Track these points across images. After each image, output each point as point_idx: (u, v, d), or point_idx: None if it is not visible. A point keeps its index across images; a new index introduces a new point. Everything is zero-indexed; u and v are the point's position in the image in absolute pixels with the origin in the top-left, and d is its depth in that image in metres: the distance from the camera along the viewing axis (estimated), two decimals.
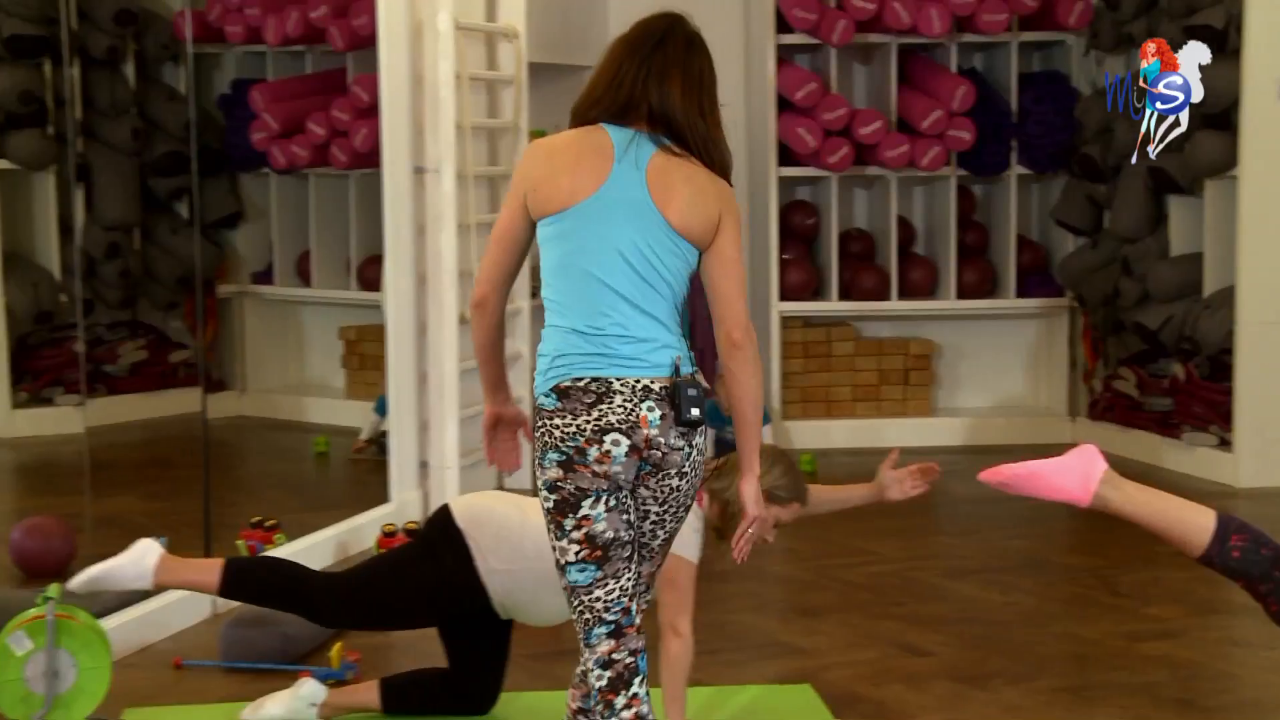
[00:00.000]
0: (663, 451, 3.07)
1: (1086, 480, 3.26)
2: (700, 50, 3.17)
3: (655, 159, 3.08)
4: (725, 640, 4.86)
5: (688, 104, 3.10)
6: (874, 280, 8.11)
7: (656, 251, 3.06)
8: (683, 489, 3.15)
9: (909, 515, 6.64)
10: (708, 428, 3.20)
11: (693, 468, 3.13)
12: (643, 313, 3.07)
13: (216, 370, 7.96)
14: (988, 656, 4.72)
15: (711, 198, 3.10)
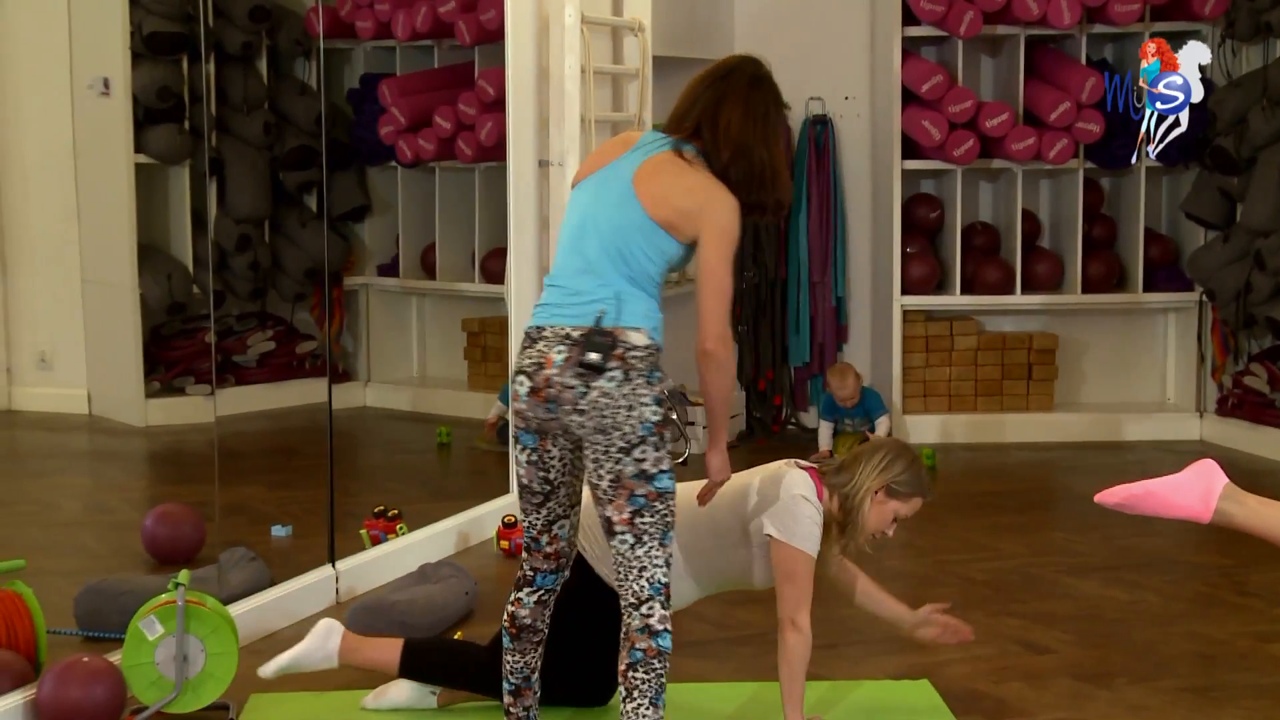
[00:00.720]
0: (557, 389, 3.38)
1: (1207, 496, 3.21)
2: (766, 88, 3.53)
3: (663, 155, 3.48)
4: (843, 635, 4.84)
5: (747, 129, 3.46)
6: (998, 274, 8.02)
7: (626, 229, 3.42)
8: (587, 426, 3.36)
9: (1030, 511, 6.57)
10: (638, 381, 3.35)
11: (592, 406, 3.35)
12: (594, 275, 3.43)
13: (342, 361, 8.06)
14: (1110, 655, 4.66)
15: (698, 196, 3.42)
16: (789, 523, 3.85)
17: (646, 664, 3.43)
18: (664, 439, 3.41)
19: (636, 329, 3.41)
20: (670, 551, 3.47)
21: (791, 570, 3.84)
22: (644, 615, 3.43)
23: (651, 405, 3.38)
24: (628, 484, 3.40)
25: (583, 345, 3.38)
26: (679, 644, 4.71)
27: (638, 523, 3.41)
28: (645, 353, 3.41)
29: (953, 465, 7.49)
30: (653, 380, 3.40)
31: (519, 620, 3.66)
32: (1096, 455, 7.71)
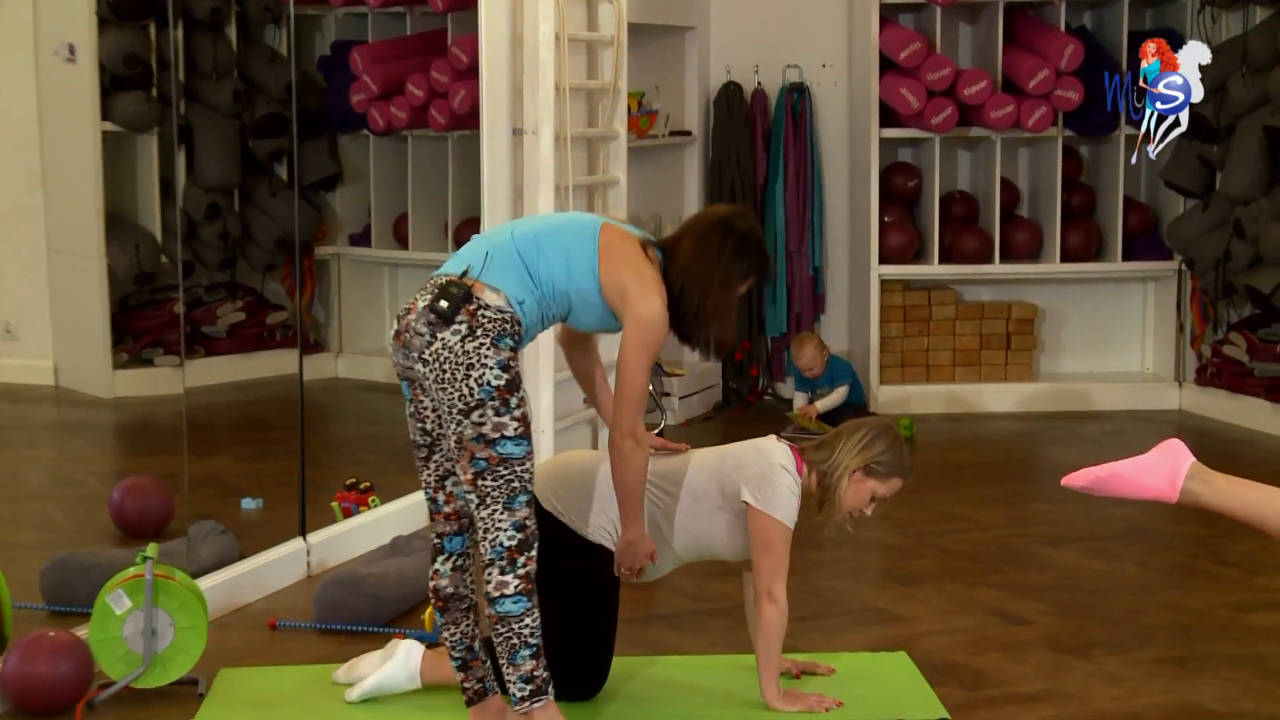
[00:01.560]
0: (410, 334, 3.48)
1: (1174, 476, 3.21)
2: (735, 240, 3.68)
3: (636, 236, 3.68)
4: (821, 606, 4.84)
5: (696, 264, 3.64)
6: (976, 243, 8.01)
7: (563, 243, 3.58)
8: (429, 378, 3.43)
9: (1008, 481, 6.57)
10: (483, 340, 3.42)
11: (434, 358, 3.44)
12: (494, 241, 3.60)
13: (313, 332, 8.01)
14: (1088, 626, 4.66)
15: (642, 281, 3.57)
16: (767, 491, 3.84)
17: (494, 629, 3.52)
18: (510, 404, 3.41)
19: (496, 290, 3.49)
20: (523, 515, 3.46)
21: (768, 540, 3.84)
22: (486, 580, 3.50)
23: (494, 369, 3.41)
24: (469, 446, 3.44)
25: (439, 293, 3.48)
26: (654, 616, 4.72)
27: (480, 485, 3.46)
28: (498, 315, 3.46)
29: (931, 436, 7.50)
30: (500, 345, 3.44)
31: (442, 592, 3.68)
32: (1075, 425, 7.72)
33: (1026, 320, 8.17)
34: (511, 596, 3.48)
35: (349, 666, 4.14)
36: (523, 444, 3.46)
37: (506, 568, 3.47)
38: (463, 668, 3.71)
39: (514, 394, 3.44)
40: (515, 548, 3.47)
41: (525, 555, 3.49)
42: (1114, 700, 4.07)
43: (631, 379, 3.60)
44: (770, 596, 3.83)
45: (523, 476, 3.47)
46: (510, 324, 3.48)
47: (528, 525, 3.49)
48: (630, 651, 4.33)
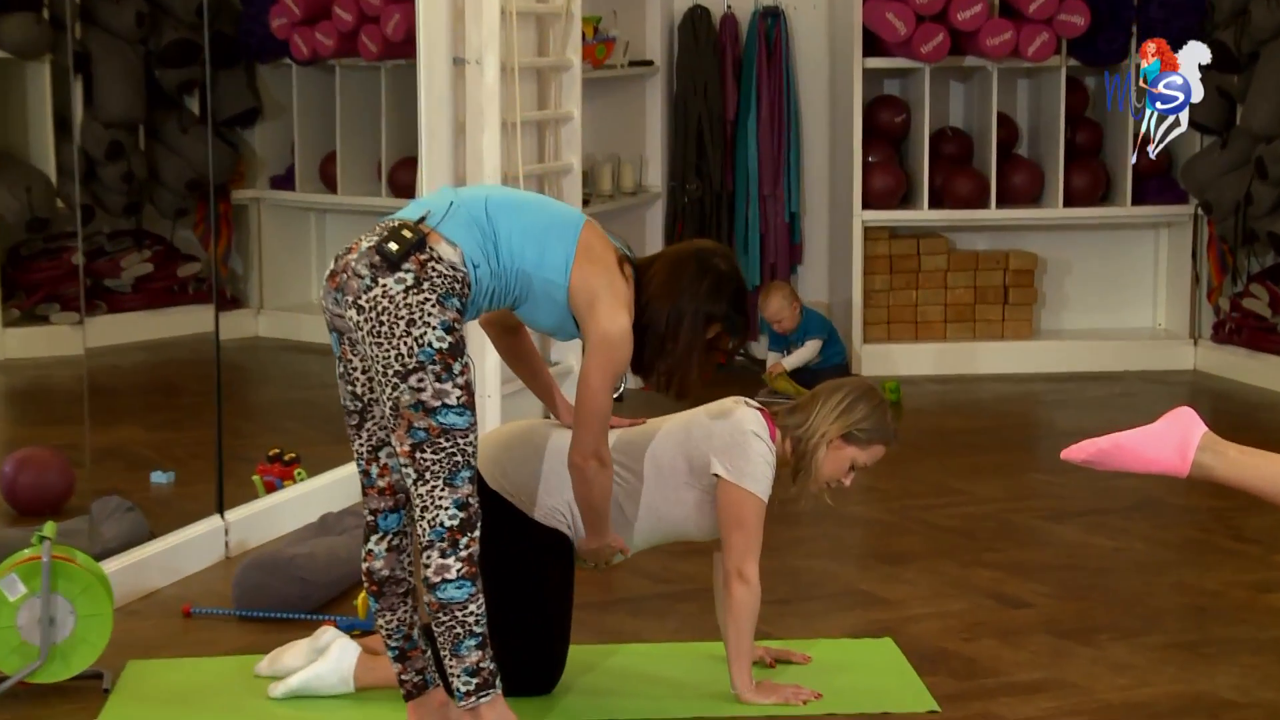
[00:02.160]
0: (348, 275, 3.48)
1: (1184, 448, 3.24)
2: (709, 279, 3.75)
3: (614, 247, 3.70)
4: (798, 589, 4.87)
5: (664, 292, 3.71)
6: (970, 186, 8.03)
7: (523, 231, 3.59)
8: (363, 327, 3.44)
9: (1005, 450, 6.62)
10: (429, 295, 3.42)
11: (371, 305, 3.43)
12: (457, 196, 3.61)
13: (230, 286, 7.99)
14: (1093, 608, 4.71)
15: (603, 288, 3.61)
16: (739, 461, 3.86)
17: (434, 617, 3.53)
18: (453, 370, 3.42)
19: (453, 244, 3.51)
20: (466, 492, 3.47)
21: (739, 515, 3.86)
22: (424, 564, 3.50)
23: (438, 329, 3.42)
24: (405, 414, 3.45)
25: (389, 235, 3.49)
26: (614, 600, 4.74)
27: (419, 457, 3.46)
28: (450, 271, 3.47)
29: (920, 400, 7.53)
30: (447, 304, 3.45)
31: (376, 575, 3.68)
32: (1080, 387, 7.77)
33: (1026, 271, 8.21)
34: (454, 581, 3.49)
35: (273, 658, 4.14)
36: (466, 414, 3.47)
37: (448, 550, 3.48)
38: (400, 658, 3.72)
39: (457, 359, 3.45)
40: (457, 528, 3.48)
41: (468, 536, 3.50)
42: (1120, 690, 4.11)
43: (594, 398, 3.65)
44: (741, 576, 3.86)
45: (466, 450, 3.48)
46: (460, 284, 3.48)
47: (470, 503, 3.50)
48: (588, 640, 4.35)
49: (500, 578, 3.80)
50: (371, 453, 3.63)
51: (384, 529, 3.67)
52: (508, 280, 3.59)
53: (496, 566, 3.75)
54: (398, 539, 3.68)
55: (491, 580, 3.67)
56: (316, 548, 4.83)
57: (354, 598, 4.59)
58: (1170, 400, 7.56)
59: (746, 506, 3.86)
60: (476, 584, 3.51)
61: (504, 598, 3.82)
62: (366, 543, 3.69)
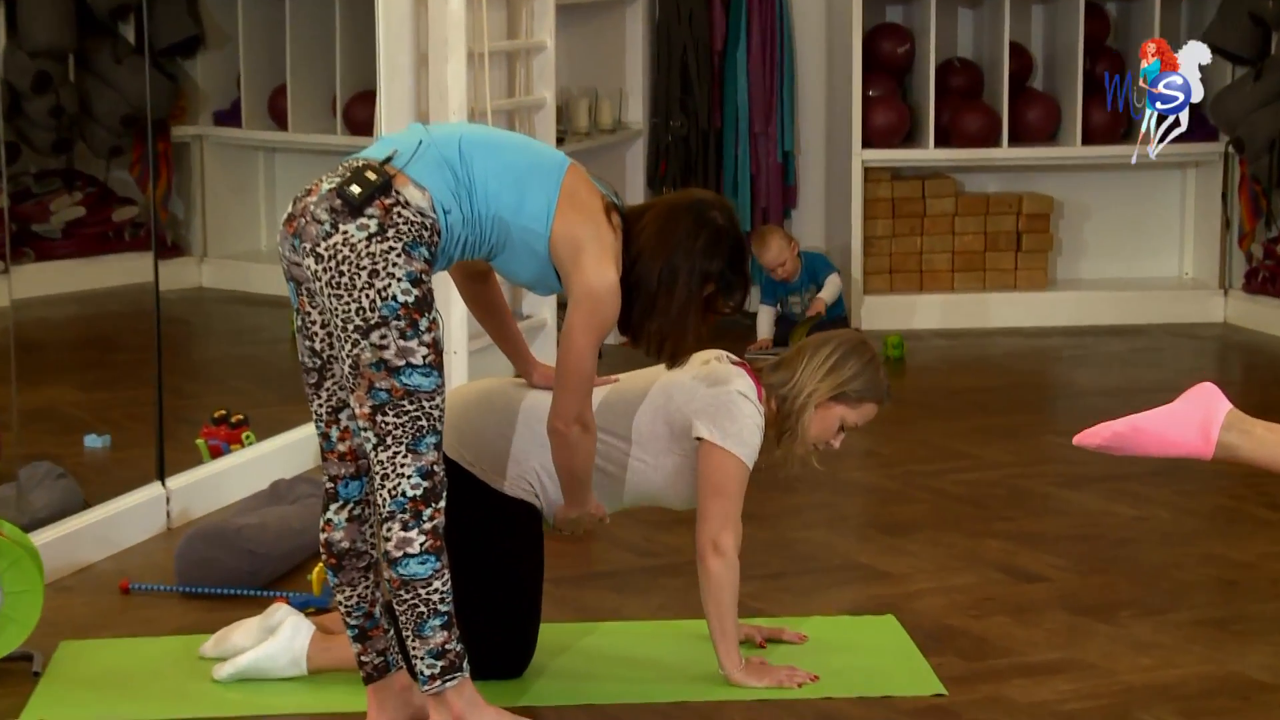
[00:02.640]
0: (306, 220, 3.47)
1: (1207, 427, 3.26)
2: (709, 232, 3.73)
3: (601, 192, 3.68)
4: (791, 563, 4.87)
5: (658, 243, 3.69)
6: (980, 122, 8.03)
7: (502, 173, 3.57)
8: (322, 277, 3.43)
9: (1017, 411, 6.63)
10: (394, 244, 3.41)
11: (331, 254, 3.42)
12: (429, 135, 3.59)
13: (171, 231, 7.97)
14: (1114, 582, 4.72)
15: (588, 239, 3.59)
16: (724, 422, 3.86)
17: (396, 595, 3.53)
18: (419, 326, 3.41)
19: (421, 188, 3.49)
20: (431, 460, 3.47)
21: (721, 482, 3.85)
22: (385, 537, 3.51)
23: (403, 281, 3.41)
24: (366, 373, 3.45)
25: (351, 176, 3.48)
26: (591, 574, 4.74)
27: (380, 421, 3.46)
28: (417, 218, 3.46)
29: (925, 356, 7.54)
30: (413, 254, 3.44)
31: (335, 546, 3.67)
32: (1100, 342, 7.78)
33: (1041, 216, 8.21)
34: (417, 556, 3.49)
35: (219, 637, 4.14)
36: (433, 375, 3.46)
37: (410, 522, 3.48)
38: (360, 638, 3.72)
39: (424, 314, 3.44)
40: (420, 498, 3.48)
41: (432, 507, 3.50)
42: (1143, 671, 4.13)
43: (578, 360, 3.64)
44: (716, 549, 3.86)
45: (431, 413, 3.48)
46: (429, 232, 3.47)
47: (435, 471, 3.50)
48: (561, 617, 4.36)
49: (463, 552, 3.80)
50: (331, 414, 3.63)
51: (344, 497, 3.67)
52: (482, 228, 3.57)
53: (459, 540, 3.75)
54: (359, 508, 3.67)
55: (455, 555, 3.66)
56: (267, 518, 4.83)
57: (308, 572, 4.59)
58: (1197, 355, 7.59)
59: (728, 471, 3.86)
60: (441, 559, 3.51)
61: (468, 574, 3.82)
62: (325, 512, 3.69)
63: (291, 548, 4.76)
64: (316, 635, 4.01)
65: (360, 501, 3.67)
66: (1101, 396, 6.81)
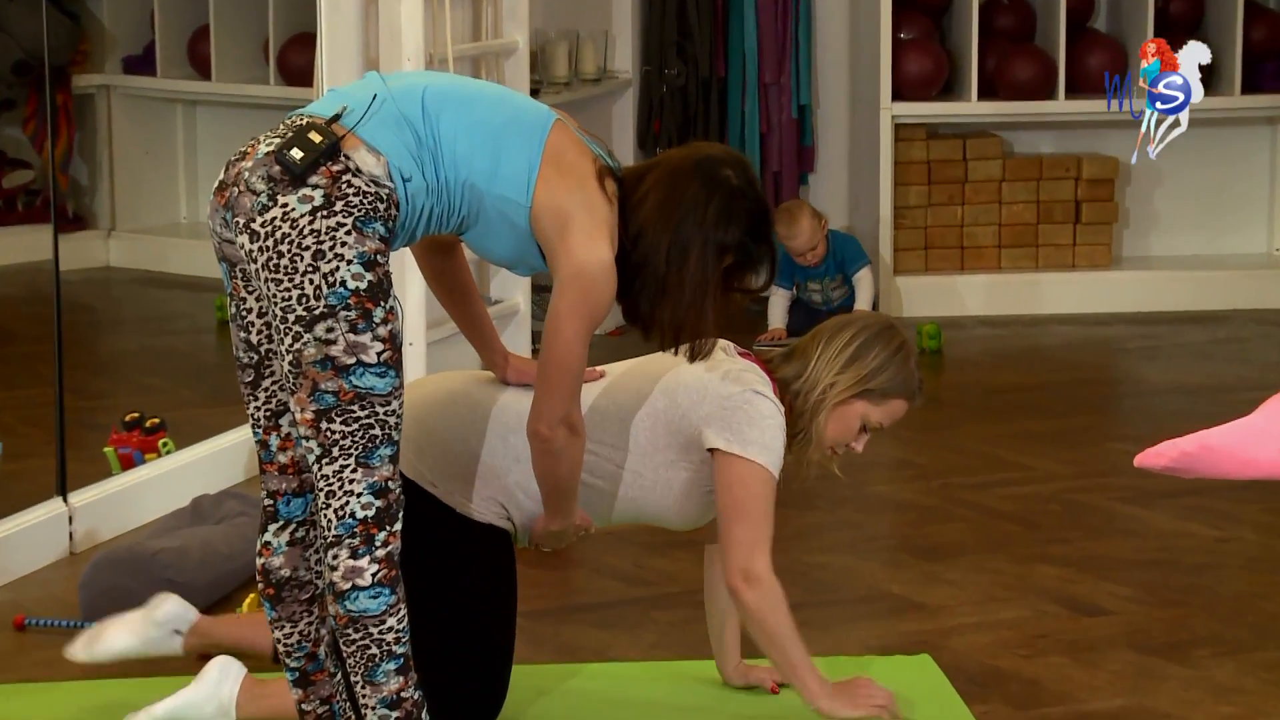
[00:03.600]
0: (240, 189, 3.45)
1: None
2: (722, 196, 3.69)
3: (593, 157, 3.64)
4: (809, 592, 4.89)
5: (663, 213, 3.66)
6: (1032, 70, 8.05)
7: (473, 131, 3.54)
8: (258, 259, 3.41)
9: (1075, 413, 6.65)
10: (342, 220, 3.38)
11: (269, 230, 3.39)
12: (387, 88, 3.56)
13: (73, 200, 7.98)
14: (1190, 617, 4.74)
15: (578, 209, 3.56)
16: (742, 427, 3.83)
17: (343, 634, 3.52)
18: (373, 318, 3.42)
19: (375, 152, 3.45)
20: (385, 475, 3.46)
21: (744, 499, 3.83)
22: (330, 565, 3.48)
23: (354, 264, 3.39)
24: (310, 372, 3.42)
25: (293, 138, 3.45)
26: (573, 607, 4.75)
27: (325, 429, 3.43)
28: (371, 188, 3.42)
29: (966, 347, 7.56)
30: (366, 230, 3.41)
31: (274, 574, 3.66)
32: (1173, 331, 7.79)
33: (1104, 181, 8.22)
34: (368, 589, 3.49)
35: (90, 637, 4.15)
36: (389, 374, 3.44)
37: (360, 548, 3.47)
38: (301, 683, 3.73)
39: (379, 303, 3.41)
40: (373, 519, 3.47)
41: (386, 530, 3.49)
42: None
43: (565, 352, 3.60)
44: (747, 578, 3.82)
45: (387, 420, 3.46)
46: (385, 204, 3.44)
47: (390, 488, 3.49)
48: (538, 658, 4.38)
49: (423, 582, 3.80)
50: (270, 419, 3.63)
51: (285, 516, 3.67)
52: (450, 197, 3.55)
53: (417, 568, 3.75)
54: (303, 530, 3.67)
55: (412, 586, 3.67)
56: (189, 540, 4.84)
57: (238, 604, 4.61)
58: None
59: (752, 486, 3.84)
60: (397, 591, 3.51)
61: (429, 608, 3.82)
62: (263, 533, 3.69)
63: (217, 576, 4.77)
64: (248, 679, 4.02)
65: (304, 522, 3.67)
66: (1175, 395, 6.83)
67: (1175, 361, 7.41)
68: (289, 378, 3.45)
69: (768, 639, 3.86)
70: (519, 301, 6.98)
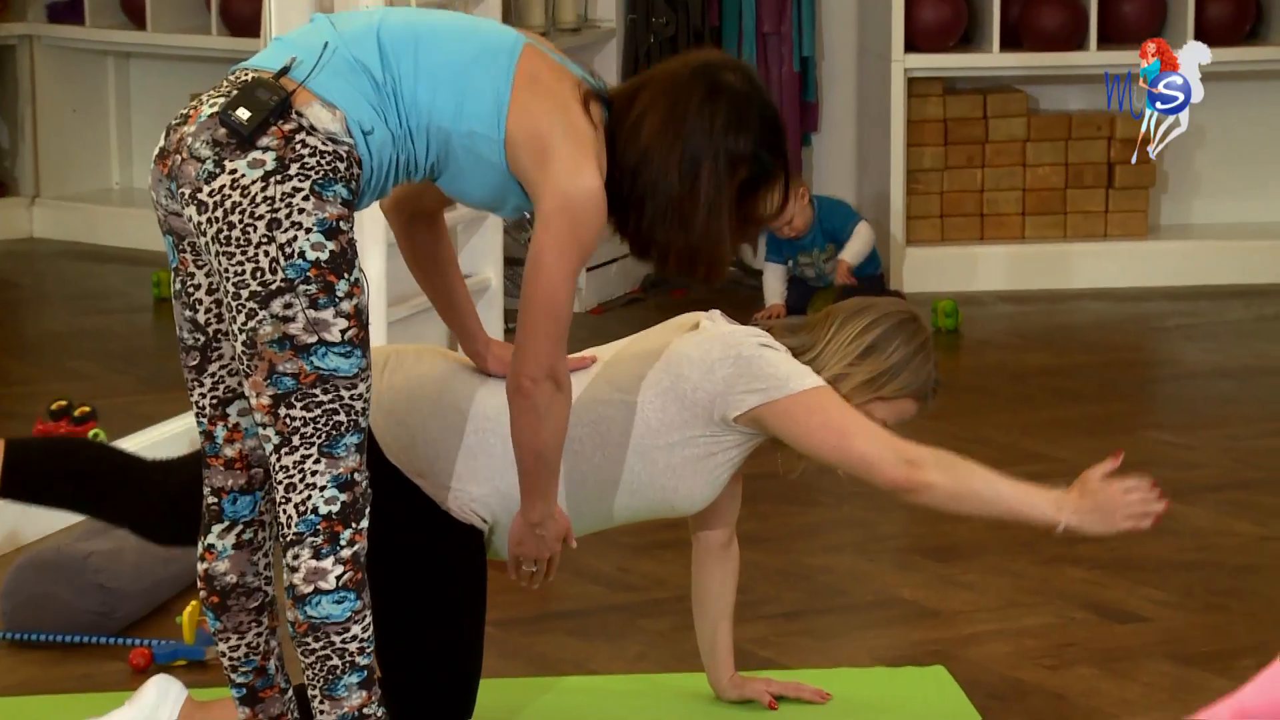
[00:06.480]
0: (183, 156, 3.45)
1: None
2: (728, 103, 3.67)
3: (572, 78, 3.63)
4: (812, 598, 4.91)
5: (665, 130, 3.64)
6: (1060, 18, 8.06)
7: (434, 69, 3.53)
8: (207, 232, 3.41)
9: (1107, 398, 6.67)
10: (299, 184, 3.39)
11: (217, 200, 3.40)
12: (337, 32, 3.55)
13: None
14: (1231, 623, 4.77)
15: (557, 132, 3.53)
16: (766, 373, 3.82)
17: (302, 643, 3.52)
18: (336, 291, 3.42)
19: (330, 107, 3.45)
20: (351, 466, 3.47)
21: (828, 423, 3.84)
22: (290, 566, 3.49)
23: (315, 233, 3.40)
24: (266, 353, 3.42)
25: (239, 95, 3.44)
26: (549, 614, 4.77)
27: (283, 415, 3.44)
28: (328, 147, 3.42)
29: (986, 326, 7.58)
30: (326, 194, 3.41)
31: (218, 581, 3.68)
32: (1216, 307, 7.81)
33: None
34: (331, 593, 3.49)
35: None
36: (354, 354, 3.44)
37: (324, 547, 3.48)
38: (249, 700, 3.74)
39: (343, 275, 3.40)
40: (338, 516, 3.48)
41: (352, 528, 3.49)
42: None
43: (550, 292, 3.57)
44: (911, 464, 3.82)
45: (352, 405, 3.46)
46: (345, 163, 3.43)
47: (357, 481, 3.49)
48: (511, 671, 4.40)
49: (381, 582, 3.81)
50: (217, 407, 3.64)
51: (231, 516, 3.68)
52: (415, 144, 3.54)
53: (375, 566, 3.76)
54: (250, 531, 3.68)
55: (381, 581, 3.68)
56: (123, 542, 4.83)
57: (177, 613, 4.61)
58: None
59: (825, 406, 3.85)
60: (363, 596, 3.52)
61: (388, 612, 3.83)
62: (206, 535, 3.69)
63: (155, 581, 4.78)
64: (188, 702, 4.02)
65: (252, 523, 3.68)
66: (1218, 379, 6.86)
67: (1218, 341, 7.43)
68: (242, 359, 3.45)
69: (975, 501, 3.92)
70: (489, 276, 6.98)
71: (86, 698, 4.22)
